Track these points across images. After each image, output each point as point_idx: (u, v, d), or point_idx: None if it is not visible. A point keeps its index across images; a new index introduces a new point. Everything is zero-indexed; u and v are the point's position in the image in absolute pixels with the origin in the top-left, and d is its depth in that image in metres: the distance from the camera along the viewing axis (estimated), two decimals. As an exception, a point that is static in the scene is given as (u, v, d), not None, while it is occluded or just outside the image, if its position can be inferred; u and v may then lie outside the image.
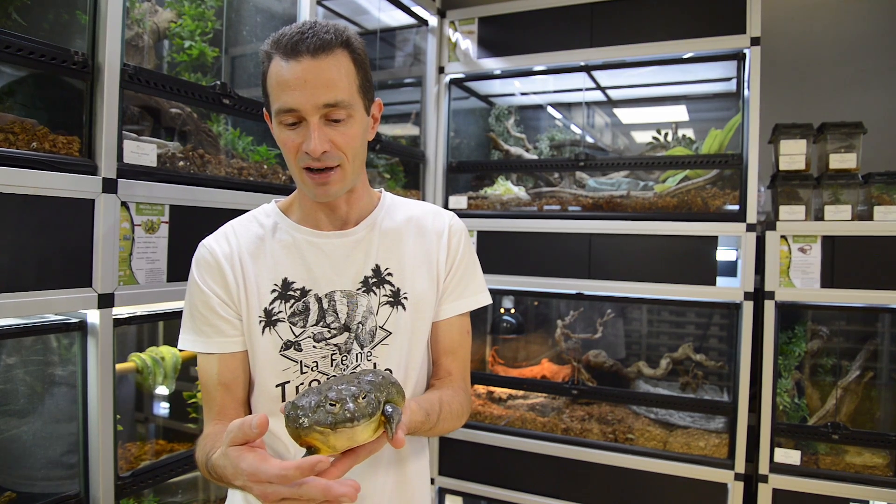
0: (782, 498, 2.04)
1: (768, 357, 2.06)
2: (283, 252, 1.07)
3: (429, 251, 1.12)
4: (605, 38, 2.34)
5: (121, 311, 1.38)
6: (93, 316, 1.32)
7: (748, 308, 2.10)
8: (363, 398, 0.76)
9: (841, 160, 2.06)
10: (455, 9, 2.65)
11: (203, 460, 0.94)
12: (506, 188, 2.61)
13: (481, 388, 2.70)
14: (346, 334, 1.05)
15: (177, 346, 1.15)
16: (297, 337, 1.03)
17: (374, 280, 1.07)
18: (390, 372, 1.02)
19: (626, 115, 2.92)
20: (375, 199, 1.16)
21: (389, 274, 1.08)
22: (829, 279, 2.01)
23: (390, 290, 1.08)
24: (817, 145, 2.15)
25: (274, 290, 1.05)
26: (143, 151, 1.41)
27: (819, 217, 2.06)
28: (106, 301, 1.32)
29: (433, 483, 2.57)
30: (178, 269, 1.49)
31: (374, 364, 1.05)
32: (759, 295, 2.11)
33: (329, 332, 1.04)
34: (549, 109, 2.94)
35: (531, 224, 2.43)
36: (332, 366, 1.04)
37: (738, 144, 2.16)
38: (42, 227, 1.21)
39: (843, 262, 2.00)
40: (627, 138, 2.94)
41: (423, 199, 2.66)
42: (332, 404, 0.75)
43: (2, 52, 1.15)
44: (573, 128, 2.82)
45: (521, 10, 2.49)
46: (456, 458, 2.53)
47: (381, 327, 1.06)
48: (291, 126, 0.97)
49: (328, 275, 1.06)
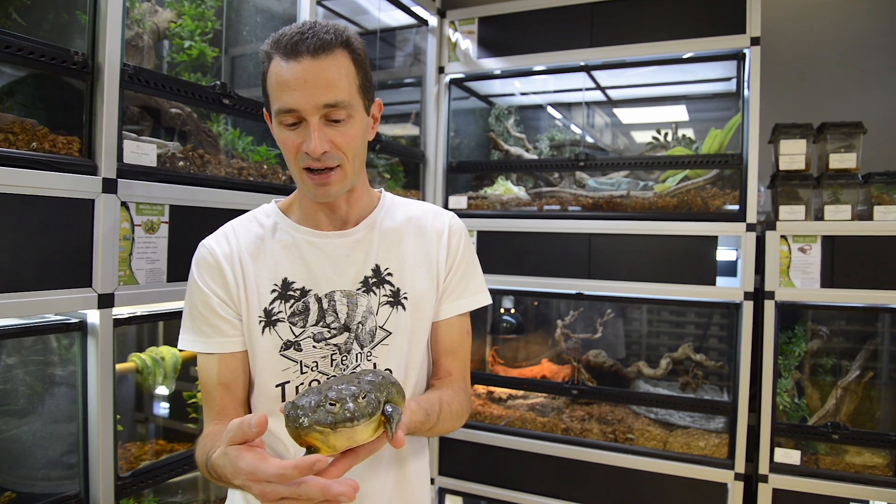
0: (782, 498, 2.04)
1: (768, 357, 2.06)
2: (283, 252, 1.07)
3: (429, 251, 1.13)
4: (604, 38, 2.34)
5: (121, 312, 1.38)
6: (93, 316, 1.32)
7: (748, 308, 2.10)
8: (363, 398, 0.76)
9: (841, 160, 2.06)
10: (455, 9, 2.65)
11: (203, 460, 0.94)
12: (506, 188, 2.61)
13: (481, 388, 2.70)
14: (345, 334, 1.05)
15: (177, 346, 1.15)
16: (296, 337, 1.04)
17: (374, 280, 1.07)
18: (390, 372, 1.02)
19: (626, 115, 2.91)
20: (375, 199, 1.16)
21: (389, 274, 1.09)
22: (829, 279, 2.01)
23: (390, 290, 1.08)
24: (817, 145, 2.15)
25: (274, 290, 1.05)
26: (143, 151, 1.41)
27: (819, 217, 2.06)
28: (106, 301, 1.32)
29: (433, 483, 2.57)
30: (178, 269, 1.49)
31: (374, 364, 1.05)
32: (759, 295, 2.11)
33: (329, 332, 1.04)
34: (549, 109, 2.94)
35: (531, 224, 2.43)
36: (331, 366, 1.04)
37: (738, 144, 2.16)
38: (42, 227, 1.22)
39: (843, 261, 2.00)
40: (627, 138, 2.94)
41: (423, 199, 2.66)
42: (332, 404, 0.75)
43: (2, 52, 1.15)
44: (573, 128, 2.82)
45: (521, 10, 2.49)
46: (456, 458, 2.53)
47: (380, 327, 1.06)
48: (291, 126, 0.97)
49: (328, 275, 1.06)
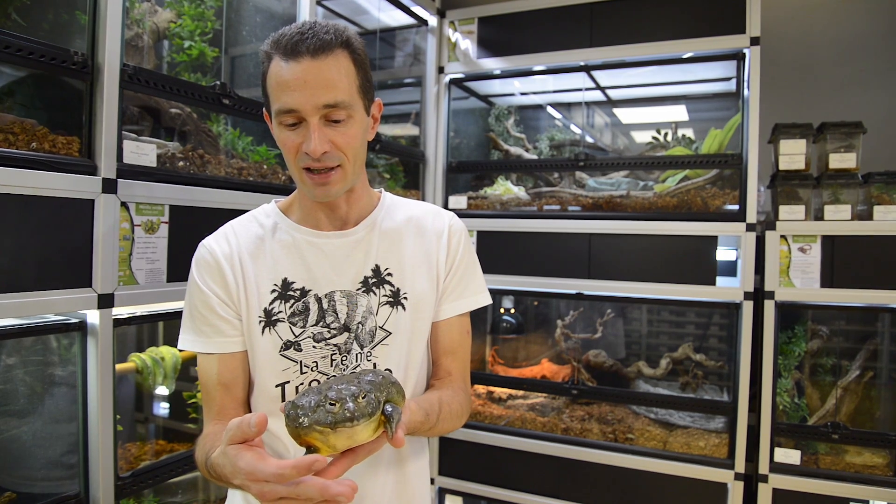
0: (782, 498, 2.04)
1: (768, 357, 2.06)
2: (282, 252, 1.07)
3: (428, 251, 1.12)
4: (604, 37, 2.34)
5: (121, 312, 1.38)
6: (93, 316, 1.32)
7: (748, 308, 2.10)
8: (363, 398, 0.76)
9: (841, 160, 2.06)
10: (455, 9, 2.65)
11: (203, 460, 0.94)
12: (505, 188, 2.61)
13: (481, 388, 2.70)
14: (345, 334, 1.05)
15: (177, 346, 1.15)
16: (296, 337, 1.04)
17: (373, 280, 1.07)
18: (390, 372, 1.02)
19: (625, 114, 2.91)
20: (375, 199, 1.16)
21: (389, 274, 1.09)
22: (829, 279, 2.01)
23: (390, 291, 1.08)
24: (817, 145, 2.15)
25: (274, 290, 1.05)
26: (143, 151, 1.41)
27: (819, 217, 2.06)
28: (106, 301, 1.32)
29: (433, 483, 2.57)
30: (178, 269, 1.49)
31: (374, 364, 1.05)
32: (758, 295, 2.11)
33: (329, 332, 1.04)
34: (549, 109, 2.94)
35: (531, 224, 2.43)
36: (331, 366, 1.04)
37: (738, 144, 2.16)
38: (42, 227, 1.21)
39: (842, 261, 2.00)
40: (627, 138, 2.94)
41: (423, 199, 2.66)
42: (331, 404, 0.75)
43: (2, 52, 1.15)
44: (573, 128, 2.82)
45: (521, 10, 2.49)
46: (456, 458, 2.53)
47: (380, 327, 1.06)
48: (291, 126, 0.97)
49: (328, 275, 1.06)
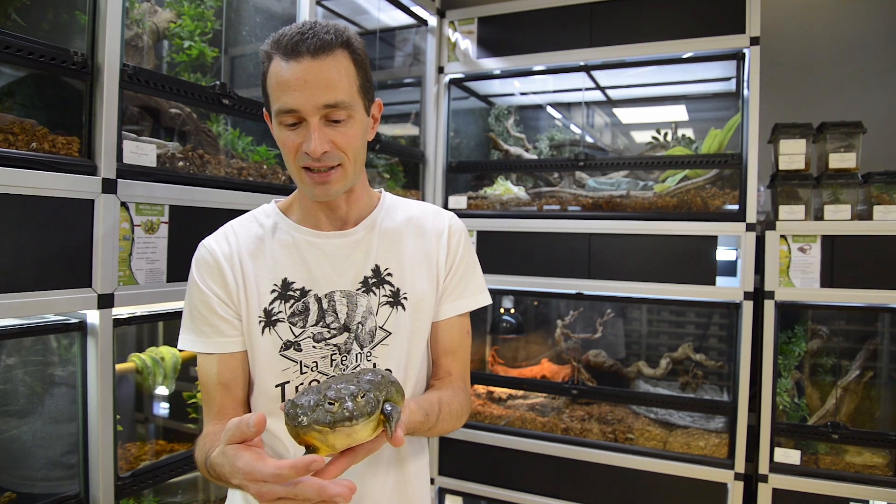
0: (782, 498, 2.04)
1: (768, 357, 2.06)
2: (282, 252, 1.07)
3: (428, 251, 1.12)
4: (604, 37, 2.34)
5: (120, 312, 1.38)
6: (92, 316, 1.32)
7: (748, 308, 2.10)
8: (362, 397, 0.77)
9: (840, 160, 2.06)
10: (454, 9, 2.65)
11: (202, 459, 0.94)
12: (505, 188, 2.61)
13: (481, 388, 2.70)
14: (345, 334, 1.05)
15: (176, 346, 1.15)
16: (296, 337, 1.04)
17: (373, 280, 1.07)
18: (390, 372, 1.02)
19: (625, 114, 2.91)
20: (375, 199, 1.16)
21: (389, 274, 1.09)
22: (829, 279, 2.01)
23: (390, 291, 1.08)
24: (817, 145, 2.15)
25: (274, 291, 1.05)
26: (143, 152, 1.41)
27: (819, 217, 2.06)
28: (106, 301, 1.32)
29: (433, 483, 2.57)
30: (178, 269, 1.49)
31: (374, 364, 1.05)
32: (758, 295, 2.11)
33: (329, 332, 1.04)
34: (549, 109, 2.94)
35: (531, 224, 2.43)
36: (331, 366, 1.04)
37: (738, 144, 2.16)
38: (42, 227, 1.22)
39: (842, 261, 2.00)
40: (627, 138, 2.94)
41: (423, 199, 2.66)
42: (330, 403, 0.75)
43: (2, 53, 1.15)
44: (573, 128, 2.82)
45: (521, 10, 2.49)
46: (456, 458, 2.53)
47: (380, 327, 1.06)
48: (291, 126, 0.97)
49: (328, 275, 1.06)
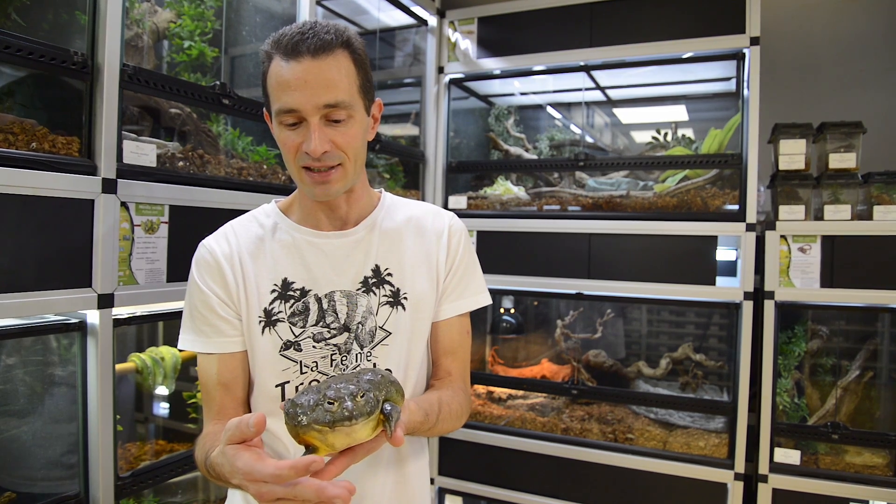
0: (782, 498, 2.04)
1: (768, 357, 2.06)
2: (282, 252, 1.07)
3: (428, 251, 1.13)
4: (604, 37, 2.34)
5: (120, 312, 1.38)
6: (92, 316, 1.32)
7: (748, 308, 2.10)
8: (362, 397, 0.77)
9: (840, 160, 2.06)
10: (454, 9, 2.65)
11: (202, 459, 0.94)
12: (505, 188, 2.61)
13: (481, 388, 2.70)
14: (345, 334, 1.05)
15: (177, 346, 1.15)
16: (296, 337, 1.04)
17: (373, 280, 1.07)
18: (390, 372, 1.02)
19: (625, 114, 2.91)
20: (375, 199, 1.16)
21: (389, 274, 1.09)
22: (829, 279, 2.01)
23: (390, 291, 1.08)
24: (817, 145, 2.15)
25: (274, 290, 1.05)
26: (143, 152, 1.41)
27: (819, 217, 2.06)
28: (106, 301, 1.32)
29: (433, 483, 2.57)
30: (178, 269, 1.49)
31: (374, 364, 1.05)
32: (758, 295, 2.11)
33: (329, 332, 1.04)
34: (549, 109, 2.94)
35: (531, 224, 2.43)
36: (331, 366, 1.04)
37: (738, 144, 2.16)
38: (42, 227, 1.22)
39: (842, 261, 2.00)
40: (627, 138, 2.94)
41: (423, 199, 2.66)
42: (330, 403, 0.75)
43: (2, 53, 1.15)
44: (573, 128, 2.82)
45: (521, 10, 2.49)
46: (456, 458, 2.53)
47: (380, 327, 1.06)
48: (292, 126, 0.97)
49: (328, 275, 1.06)
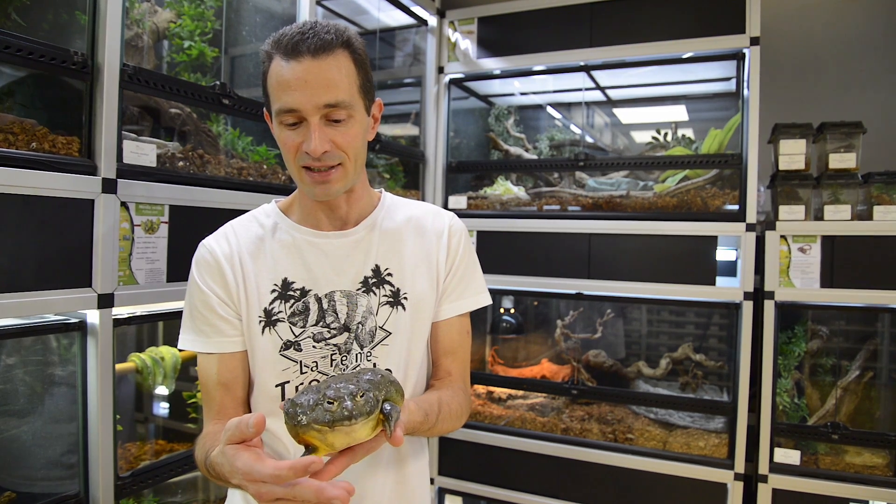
0: (782, 498, 2.04)
1: (768, 357, 2.06)
2: (282, 252, 1.07)
3: (429, 251, 1.13)
4: (604, 37, 2.34)
5: (120, 312, 1.38)
6: (92, 316, 1.32)
7: (748, 308, 2.10)
8: (361, 396, 0.77)
9: (840, 160, 2.06)
10: (455, 9, 2.65)
11: (202, 459, 0.94)
12: (505, 188, 2.61)
13: (481, 388, 2.70)
14: (345, 334, 1.05)
15: (177, 346, 1.15)
16: (296, 337, 1.04)
17: (373, 280, 1.07)
18: (390, 372, 1.02)
19: (625, 115, 2.91)
20: (375, 199, 1.16)
21: (389, 274, 1.09)
22: (829, 279, 2.01)
23: (390, 291, 1.08)
24: (817, 145, 2.15)
25: (274, 290, 1.05)
26: (143, 151, 1.41)
27: (819, 217, 2.06)
28: (106, 301, 1.32)
29: (433, 483, 2.57)
30: (178, 269, 1.49)
31: (374, 364, 1.05)
32: (758, 295, 2.11)
33: (329, 332, 1.04)
34: (549, 109, 2.94)
35: (531, 224, 2.43)
36: (331, 366, 1.04)
37: (738, 144, 2.16)
38: (42, 227, 1.22)
39: (842, 261, 2.00)
40: (627, 138, 2.94)
41: (423, 199, 2.66)
42: (330, 402, 0.75)
43: (2, 52, 1.15)
44: (573, 128, 2.82)
45: (521, 10, 2.49)
46: (456, 458, 2.53)
47: (380, 327, 1.06)
48: (292, 126, 0.97)
49: (328, 275, 1.06)
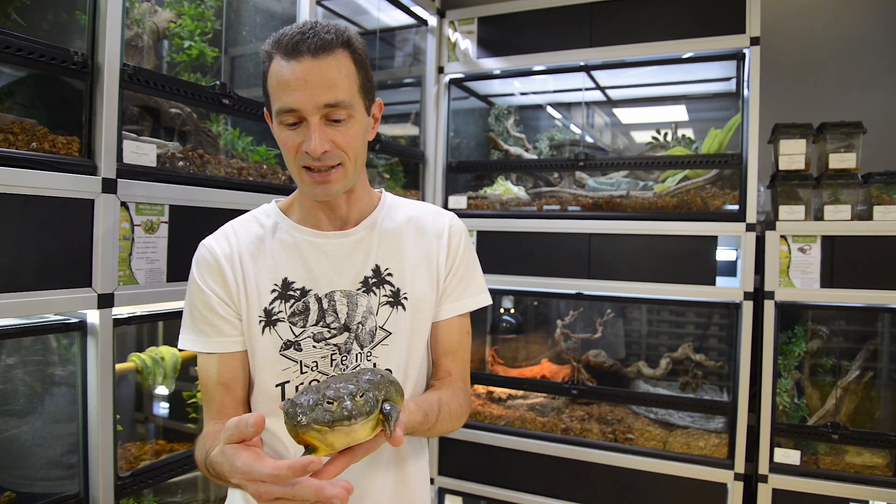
0: (782, 498, 2.04)
1: (768, 357, 2.06)
2: (283, 252, 1.07)
3: (429, 251, 1.13)
4: (604, 37, 2.34)
5: (120, 311, 1.38)
6: (92, 316, 1.32)
7: (748, 308, 2.10)
8: (361, 396, 0.77)
9: (840, 160, 2.06)
10: (455, 9, 2.65)
11: (202, 458, 0.94)
12: (505, 188, 2.61)
13: (481, 388, 2.70)
14: (345, 334, 1.05)
15: (177, 346, 1.15)
16: (296, 337, 1.04)
17: (374, 280, 1.07)
18: (390, 372, 1.02)
19: (625, 114, 2.91)
20: (375, 199, 1.16)
21: (389, 274, 1.09)
22: (829, 279, 2.01)
23: (390, 291, 1.08)
24: (817, 145, 2.15)
25: (274, 290, 1.05)
26: (143, 151, 1.41)
27: (819, 217, 2.06)
28: (106, 301, 1.32)
29: (433, 483, 2.57)
30: (178, 269, 1.49)
31: (374, 364, 1.05)
32: (758, 295, 2.11)
33: (329, 332, 1.04)
34: (549, 109, 2.94)
35: (531, 224, 2.43)
36: (331, 366, 1.04)
37: (738, 144, 2.16)
38: (42, 227, 1.22)
39: (842, 261, 2.00)
40: (627, 138, 2.94)
41: (423, 199, 2.66)
42: (329, 402, 0.75)
43: (2, 52, 1.15)
44: (573, 128, 2.82)
45: (521, 10, 2.49)
46: (456, 458, 2.53)
47: (380, 327, 1.06)
48: (292, 126, 0.97)
49: (328, 275, 1.06)
